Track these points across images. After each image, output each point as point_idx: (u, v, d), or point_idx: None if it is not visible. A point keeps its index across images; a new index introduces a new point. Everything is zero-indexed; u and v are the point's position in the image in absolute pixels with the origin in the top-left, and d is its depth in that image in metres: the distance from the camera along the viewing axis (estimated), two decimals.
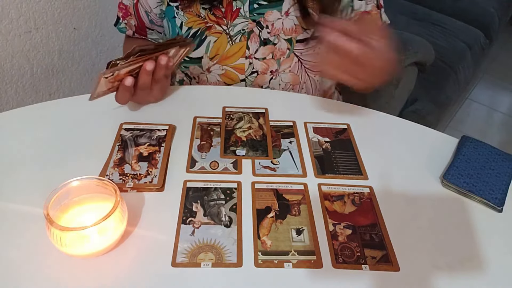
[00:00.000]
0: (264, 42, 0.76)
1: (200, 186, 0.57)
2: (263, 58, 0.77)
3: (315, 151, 0.64)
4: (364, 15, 0.79)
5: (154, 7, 0.77)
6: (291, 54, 0.78)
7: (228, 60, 0.78)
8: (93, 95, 0.59)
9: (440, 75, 1.58)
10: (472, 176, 0.60)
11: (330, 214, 0.55)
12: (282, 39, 0.76)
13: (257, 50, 0.77)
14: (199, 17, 0.74)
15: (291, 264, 0.48)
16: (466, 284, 0.48)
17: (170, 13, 0.76)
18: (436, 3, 1.98)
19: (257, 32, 0.75)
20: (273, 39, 0.76)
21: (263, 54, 0.77)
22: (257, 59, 0.78)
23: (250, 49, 0.77)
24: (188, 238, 0.50)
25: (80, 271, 0.46)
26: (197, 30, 0.75)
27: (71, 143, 0.62)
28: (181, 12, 0.75)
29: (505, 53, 2.55)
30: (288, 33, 0.76)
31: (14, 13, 1.01)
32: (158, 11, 0.78)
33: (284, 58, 0.78)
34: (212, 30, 0.75)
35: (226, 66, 0.78)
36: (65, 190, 0.48)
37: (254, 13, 0.74)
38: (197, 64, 0.79)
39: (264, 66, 0.78)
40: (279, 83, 0.80)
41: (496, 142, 1.95)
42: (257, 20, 0.75)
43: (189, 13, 0.75)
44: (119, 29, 0.84)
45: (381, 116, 0.72)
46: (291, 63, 0.79)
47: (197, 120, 0.68)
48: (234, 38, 0.76)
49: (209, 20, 0.74)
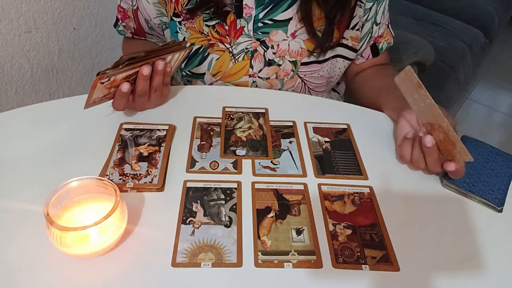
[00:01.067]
0: (269, 62, 0.76)
1: (200, 186, 0.57)
2: (267, 78, 0.77)
3: (315, 151, 0.64)
4: (379, 39, 0.82)
5: (154, 17, 0.77)
6: (295, 75, 0.77)
7: (231, 77, 0.77)
8: (89, 101, 0.58)
9: (440, 75, 1.58)
10: (472, 176, 0.60)
11: (330, 214, 0.55)
12: (287, 61, 0.76)
13: (261, 69, 0.76)
14: (202, 34, 0.74)
15: (291, 264, 0.48)
16: (466, 284, 0.48)
17: (173, 27, 0.75)
18: (436, 3, 1.98)
19: (261, 52, 0.75)
20: (277, 60, 0.76)
21: (267, 74, 0.77)
22: (261, 78, 0.77)
23: (254, 68, 0.76)
24: (188, 238, 0.50)
25: (80, 271, 0.46)
26: (199, 47, 0.74)
27: (71, 143, 0.62)
28: (184, 28, 0.74)
29: (505, 53, 2.55)
30: (293, 55, 0.75)
31: (14, 13, 1.01)
32: (157, 21, 0.77)
33: (287, 79, 0.78)
34: (215, 48, 0.74)
35: (229, 83, 0.78)
36: (65, 190, 0.48)
37: (258, 32, 0.73)
38: (200, 79, 0.79)
39: (268, 85, 0.78)
40: None
41: (496, 142, 1.95)
42: (262, 39, 0.74)
43: (191, 30, 0.74)
44: (118, 31, 0.83)
45: (381, 116, 0.72)
46: (294, 83, 0.79)
47: (197, 120, 0.68)
48: (237, 57, 0.75)
49: (212, 37, 0.74)
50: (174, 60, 0.65)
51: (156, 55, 0.61)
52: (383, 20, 0.80)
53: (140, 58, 0.59)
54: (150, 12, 0.76)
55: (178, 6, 0.73)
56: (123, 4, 0.79)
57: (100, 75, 0.54)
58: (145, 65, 0.60)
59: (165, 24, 0.77)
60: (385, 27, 0.82)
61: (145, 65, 0.60)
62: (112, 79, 0.57)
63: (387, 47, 0.83)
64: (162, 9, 0.75)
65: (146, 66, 0.60)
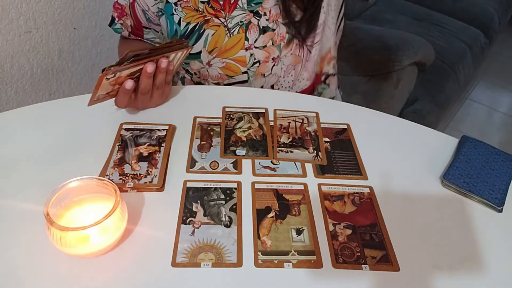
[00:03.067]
0: (263, 30, 0.76)
1: (200, 186, 0.57)
2: (264, 46, 0.77)
3: None
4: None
5: (152, 5, 0.77)
6: (291, 38, 0.78)
7: (228, 53, 0.78)
8: (93, 98, 0.58)
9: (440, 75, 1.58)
10: (472, 176, 0.60)
11: (330, 214, 0.55)
12: (281, 24, 0.76)
13: (256, 39, 0.77)
14: (197, 11, 0.75)
15: (291, 264, 0.48)
16: (466, 284, 0.48)
17: (168, 10, 0.76)
18: (436, 3, 1.98)
19: (255, 22, 0.76)
20: (271, 26, 0.76)
21: (263, 42, 0.77)
22: (258, 48, 0.78)
23: (249, 40, 0.77)
24: (188, 238, 0.50)
25: (80, 271, 0.46)
26: (195, 24, 0.75)
27: (71, 143, 0.62)
28: (180, 8, 0.75)
29: (505, 53, 2.55)
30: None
31: (14, 13, 1.01)
32: (155, 9, 0.78)
33: (284, 43, 0.78)
34: (210, 23, 0.75)
35: (226, 59, 0.78)
36: (65, 190, 0.48)
37: (252, 4, 0.74)
38: (197, 60, 0.79)
39: (266, 54, 0.78)
40: (281, 67, 0.80)
41: (496, 142, 1.95)
42: (255, 10, 0.75)
43: (187, 8, 0.75)
44: (114, 29, 0.83)
45: (381, 116, 0.72)
46: (292, 46, 0.79)
47: (197, 120, 0.68)
48: (232, 30, 0.76)
49: (207, 13, 0.75)
50: (176, 58, 0.65)
51: (159, 53, 0.61)
52: None
53: (145, 55, 0.59)
54: (148, 0, 0.77)
55: None
56: (120, 0, 0.79)
57: (105, 71, 0.55)
58: (149, 63, 0.60)
59: (161, 10, 0.77)
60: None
61: (149, 63, 0.60)
62: (117, 75, 0.57)
63: None
64: None
65: (150, 63, 0.60)
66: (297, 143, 0.65)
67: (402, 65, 1.19)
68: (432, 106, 1.50)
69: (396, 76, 1.24)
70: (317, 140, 0.65)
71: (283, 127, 0.67)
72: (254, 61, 0.79)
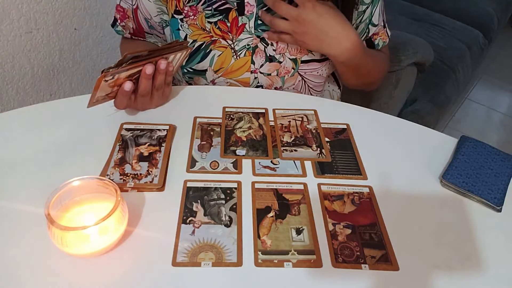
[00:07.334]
0: (270, 58, 0.77)
1: (200, 186, 0.57)
2: (268, 74, 0.78)
3: None
4: (374, 36, 0.82)
5: (154, 15, 0.77)
6: (295, 73, 0.78)
7: (233, 74, 0.78)
8: (92, 100, 0.58)
9: (439, 75, 1.58)
10: (471, 176, 0.60)
11: (329, 214, 0.55)
12: (287, 58, 0.77)
13: (262, 65, 0.77)
14: (204, 30, 0.74)
15: (291, 264, 0.49)
16: (465, 284, 0.49)
17: (174, 25, 0.75)
18: (436, 3, 1.99)
19: (262, 48, 0.76)
20: (278, 57, 0.77)
21: (268, 70, 0.78)
22: (262, 74, 0.78)
23: (255, 64, 0.77)
24: (188, 237, 0.51)
25: (80, 271, 0.47)
26: (201, 43, 0.75)
27: (72, 143, 0.62)
28: (186, 25, 0.74)
29: (504, 53, 2.55)
30: (293, 53, 0.76)
31: (15, 13, 1.01)
32: (158, 20, 0.78)
33: (288, 77, 0.78)
34: (217, 44, 0.75)
35: (231, 79, 0.79)
36: (66, 190, 0.48)
37: (259, 29, 0.74)
38: (202, 76, 0.79)
39: (269, 82, 0.79)
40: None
41: (495, 142, 1.95)
42: (261, 36, 0.75)
43: (194, 26, 0.74)
44: (117, 31, 0.83)
45: (381, 116, 0.73)
46: (295, 81, 0.80)
47: (197, 120, 0.68)
48: (239, 53, 0.76)
49: (214, 34, 0.74)
50: (176, 59, 0.65)
51: (158, 54, 0.61)
52: (379, 21, 0.80)
53: (143, 57, 0.59)
54: (150, 10, 0.76)
55: (179, 3, 0.73)
56: (122, 3, 0.79)
57: (104, 73, 0.55)
58: (148, 64, 0.60)
59: (165, 22, 0.77)
60: (381, 27, 0.82)
61: (148, 64, 0.60)
62: (116, 77, 0.57)
63: (383, 45, 0.84)
64: (163, 7, 0.75)
65: (149, 65, 0.60)
66: (300, 142, 0.65)
67: (401, 66, 1.19)
68: (431, 106, 1.50)
69: (395, 77, 1.24)
70: (319, 138, 0.66)
71: (284, 126, 0.67)
72: (258, 84, 0.79)
